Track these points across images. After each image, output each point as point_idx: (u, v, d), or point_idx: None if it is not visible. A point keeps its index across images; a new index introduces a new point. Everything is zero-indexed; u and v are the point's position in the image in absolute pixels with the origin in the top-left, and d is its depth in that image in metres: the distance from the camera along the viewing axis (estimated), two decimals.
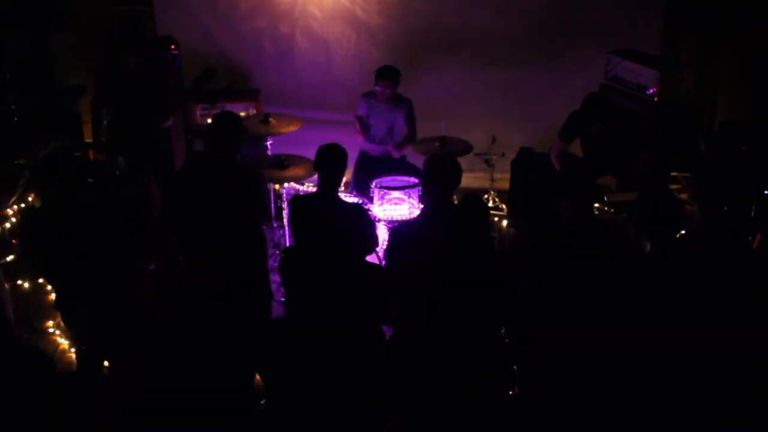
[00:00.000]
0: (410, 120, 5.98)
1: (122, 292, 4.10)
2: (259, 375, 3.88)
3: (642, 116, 5.60)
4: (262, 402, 4.02)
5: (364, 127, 6.01)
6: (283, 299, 5.21)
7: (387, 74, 5.83)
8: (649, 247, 3.74)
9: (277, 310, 5.09)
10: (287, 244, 5.80)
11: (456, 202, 4.74)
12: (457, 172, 4.14)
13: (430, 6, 6.86)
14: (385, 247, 4.64)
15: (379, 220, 5.37)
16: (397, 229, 4.42)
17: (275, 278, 5.77)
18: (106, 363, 4.32)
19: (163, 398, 3.70)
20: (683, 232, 3.95)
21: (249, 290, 4.48)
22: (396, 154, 5.95)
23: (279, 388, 3.59)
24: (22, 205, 5.98)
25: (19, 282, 5.45)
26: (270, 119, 5.75)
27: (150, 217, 5.34)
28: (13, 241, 5.76)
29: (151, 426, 3.80)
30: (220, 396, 3.71)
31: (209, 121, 6.30)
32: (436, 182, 4.13)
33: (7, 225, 5.92)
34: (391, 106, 5.93)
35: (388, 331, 4.15)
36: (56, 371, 3.64)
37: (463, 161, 5.88)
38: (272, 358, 3.56)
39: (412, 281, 3.84)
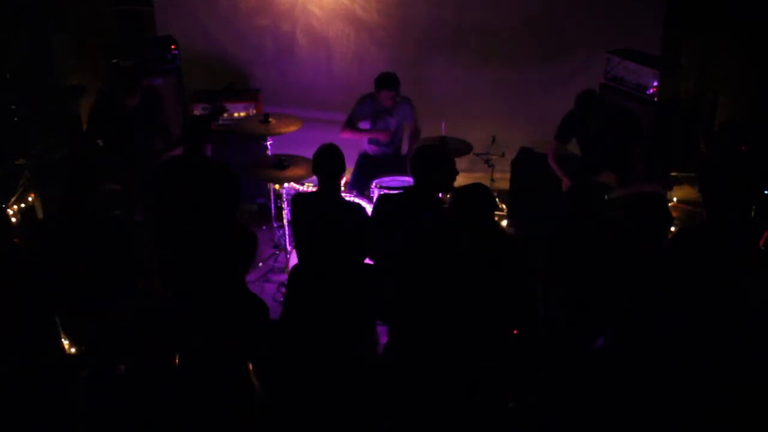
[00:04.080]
0: (415, 118, 6.00)
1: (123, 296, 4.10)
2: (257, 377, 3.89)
3: (636, 112, 5.59)
4: None
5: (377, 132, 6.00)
6: (281, 299, 5.22)
7: (391, 83, 5.75)
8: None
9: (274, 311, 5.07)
10: (287, 244, 5.80)
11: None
12: (438, 164, 4.24)
13: (429, 5, 6.86)
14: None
15: None
16: (383, 197, 4.50)
17: (275, 278, 5.81)
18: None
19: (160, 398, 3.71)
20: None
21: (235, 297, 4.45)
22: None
23: (277, 389, 3.60)
24: (22, 205, 5.97)
25: None
26: (270, 119, 5.75)
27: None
28: (15, 240, 5.75)
29: (151, 425, 3.82)
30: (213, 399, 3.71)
31: None
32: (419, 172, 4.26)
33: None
34: (396, 105, 5.91)
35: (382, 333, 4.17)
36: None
37: (463, 161, 5.92)
38: (270, 360, 3.57)
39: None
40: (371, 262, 4.57)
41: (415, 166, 4.25)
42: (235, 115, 6.54)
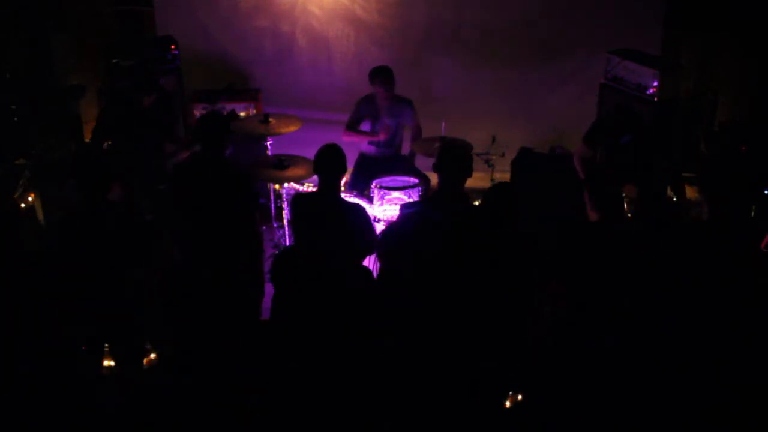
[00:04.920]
0: (416, 119, 6.02)
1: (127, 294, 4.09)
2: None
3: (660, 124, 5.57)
4: None
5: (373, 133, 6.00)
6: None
7: (384, 74, 5.80)
8: None
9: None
10: (287, 244, 5.80)
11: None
12: (464, 162, 4.20)
13: (429, 5, 6.86)
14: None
15: (379, 221, 5.37)
16: (403, 206, 4.49)
17: None
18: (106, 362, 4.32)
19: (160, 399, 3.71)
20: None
21: (240, 293, 4.45)
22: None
23: (277, 389, 3.60)
24: (22, 205, 5.98)
25: None
26: (270, 119, 5.75)
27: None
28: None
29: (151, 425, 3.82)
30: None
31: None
32: (445, 170, 4.20)
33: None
34: (394, 105, 5.92)
35: None
36: None
37: None
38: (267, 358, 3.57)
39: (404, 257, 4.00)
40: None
41: (445, 161, 4.17)
42: None
